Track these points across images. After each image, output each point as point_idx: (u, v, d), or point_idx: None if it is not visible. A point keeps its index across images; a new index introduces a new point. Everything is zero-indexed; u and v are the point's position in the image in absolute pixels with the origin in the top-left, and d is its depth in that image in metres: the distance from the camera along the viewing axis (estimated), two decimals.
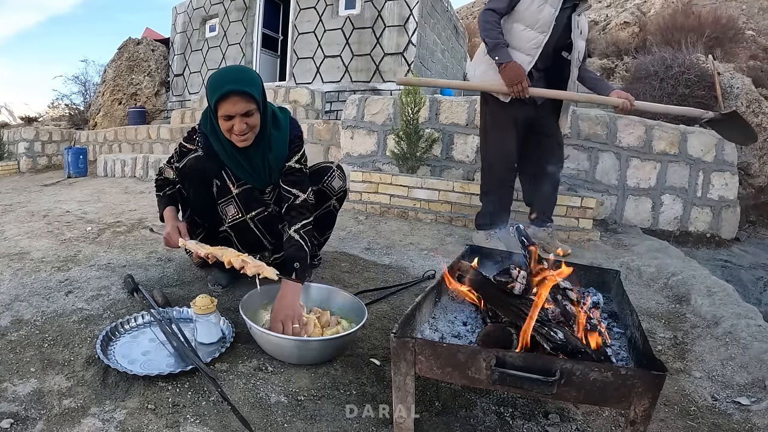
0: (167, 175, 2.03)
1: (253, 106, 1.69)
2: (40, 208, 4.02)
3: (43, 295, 1.94)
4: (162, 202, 2.03)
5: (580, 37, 2.85)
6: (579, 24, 2.83)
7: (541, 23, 2.74)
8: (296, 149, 1.94)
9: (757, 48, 9.26)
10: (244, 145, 1.77)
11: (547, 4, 2.71)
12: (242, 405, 1.30)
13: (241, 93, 1.64)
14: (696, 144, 4.14)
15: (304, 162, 1.99)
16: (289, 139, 1.92)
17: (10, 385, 1.33)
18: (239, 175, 1.91)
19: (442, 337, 1.38)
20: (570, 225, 3.58)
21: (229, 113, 1.67)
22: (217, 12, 9.50)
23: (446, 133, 4.41)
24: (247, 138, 1.74)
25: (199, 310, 1.56)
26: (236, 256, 1.67)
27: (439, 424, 1.29)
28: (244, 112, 1.67)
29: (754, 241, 4.55)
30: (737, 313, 2.02)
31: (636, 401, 1.00)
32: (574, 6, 2.78)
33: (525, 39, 2.78)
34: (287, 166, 1.93)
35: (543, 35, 2.76)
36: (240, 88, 1.64)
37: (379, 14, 7.70)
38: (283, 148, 1.91)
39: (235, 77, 1.68)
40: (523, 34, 2.78)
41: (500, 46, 2.73)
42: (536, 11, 2.72)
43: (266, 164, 1.90)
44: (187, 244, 1.83)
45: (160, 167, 2.08)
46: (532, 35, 2.77)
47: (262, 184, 1.97)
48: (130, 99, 10.36)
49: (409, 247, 3.01)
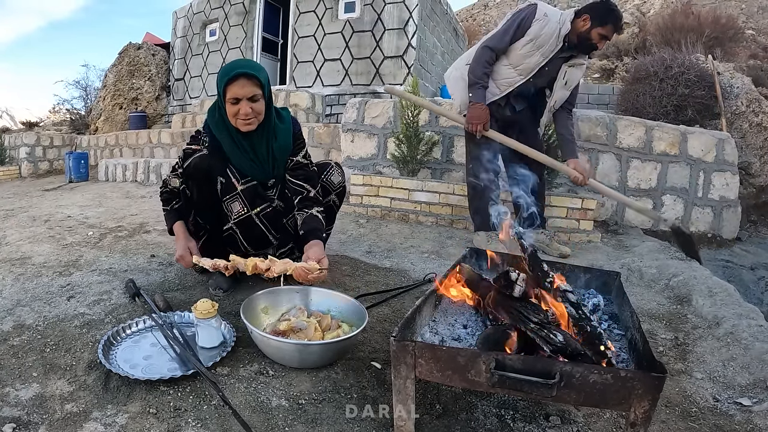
0: (173, 185, 2.05)
1: (258, 91, 1.81)
2: (41, 213, 4.03)
3: (44, 300, 1.95)
4: (170, 217, 2.06)
5: (563, 88, 2.89)
6: (566, 75, 2.85)
7: (524, 68, 2.80)
8: (301, 144, 2.07)
9: (756, 47, 9.26)
10: (248, 129, 1.87)
11: (539, 52, 2.75)
12: (243, 409, 1.30)
13: (248, 76, 1.78)
14: (696, 144, 4.13)
15: (310, 158, 2.10)
16: (293, 133, 2.04)
17: (12, 389, 1.33)
18: (243, 167, 1.96)
19: (442, 340, 1.39)
20: (571, 226, 3.58)
21: (236, 96, 1.79)
22: (217, 16, 9.53)
23: (446, 135, 4.41)
24: (251, 123, 1.86)
25: (200, 314, 1.56)
26: (260, 260, 1.74)
27: (439, 426, 1.30)
28: (250, 96, 1.80)
29: (756, 241, 4.54)
30: (739, 314, 2.02)
31: (636, 403, 1.00)
32: (567, 58, 2.82)
33: (503, 75, 2.85)
34: (295, 161, 2.04)
35: (520, 78, 2.83)
36: (248, 71, 1.78)
37: (378, 17, 7.71)
38: (287, 138, 2.01)
39: (243, 64, 1.84)
40: (503, 70, 2.85)
41: (478, 87, 2.81)
42: (523, 56, 2.78)
43: (270, 154, 1.98)
44: (201, 261, 1.85)
45: (164, 179, 2.10)
46: (510, 74, 2.83)
47: (265, 176, 2.01)
48: (131, 103, 10.38)
49: (409, 250, 3.01)
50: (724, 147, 4.17)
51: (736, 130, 5.69)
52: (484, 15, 16.91)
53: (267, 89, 1.87)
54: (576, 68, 2.86)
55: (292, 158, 2.04)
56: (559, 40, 2.72)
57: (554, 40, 2.72)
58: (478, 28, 14.31)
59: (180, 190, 2.03)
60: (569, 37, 2.72)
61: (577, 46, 2.75)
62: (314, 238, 1.90)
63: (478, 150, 2.95)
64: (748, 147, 5.53)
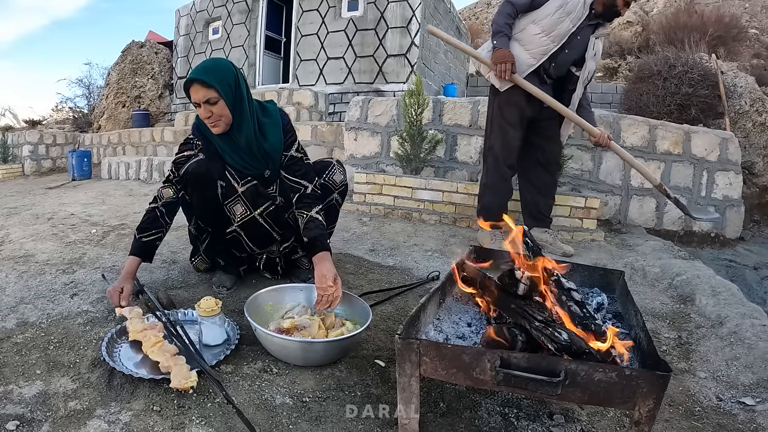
0: (165, 197, 1.95)
1: (213, 94, 1.79)
2: (44, 210, 4.04)
3: (48, 298, 1.95)
4: (133, 246, 1.92)
5: (593, 59, 2.91)
6: (595, 46, 2.88)
7: (556, 34, 2.79)
8: (292, 137, 2.05)
9: (760, 47, 9.23)
10: (217, 131, 1.87)
11: (568, 19, 2.75)
12: (247, 406, 1.31)
13: (199, 81, 1.77)
14: (700, 144, 4.12)
15: (303, 150, 2.07)
16: (282, 126, 2.01)
17: (16, 387, 1.34)
18: (237, 161, 1.94)
19: (447, 338, 1.38)
20: (574, 225, 3.58)
21: (194, 100, 1.82)
22: (219, 15, 9.53)
23: (450, 134, 4.41)
24: (217, 125, 1.85)
25: (204, 312, 1.56)
26: (156, 345, 1.47)
27: (443, 425, 1.30)
28: (205, 100, 1.78)
29: (759, 241, 4.53)
30: (742, 313, 2.02)
31: (641, 402, 1.00)
32: (594, 27, 2.84)
33: (536, 43, 2.82)
34: (289, 155, 2.02)
35: (553, 45, 2.80)
36: (198, 77, 1.77)
37: (381, 16, 7.70)
38: (278, 134, 1.99)
39: (200, 67, 1.82)
40: (536, 38, 2.82)
41: (502, 35, 2.80)
42: (555, 22, 2.77)
43: (262, 152, 1.97)
44: (122, 311, 1.69)
45: (155, 195, 1.98)
46: (544, 42, 2.81)
47: (261, 169, 2.00)
48: (133, 102, 10.39)
49: (413, 249, 3.01)
50: (728, 146, 4.16)
51: (739, 130, 5.67)
52: (487, 13, 16.87)
53: (228, 90, 1.82)
54: (599, 40, 2.92)
55: (285, 153, 2.02)
56: (585, 7, 2.75)
57: (581, 8, 2.75)
58: (481, 26, 14.28)
59: (174, 201, 1.97)
60: (594, 5, 2.75)
61: (602, 14, 2.78)
62: (321, 248, 1.85)
63: (504, 123, 2.94)
64: (751, 146, 5.52)
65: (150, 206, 1.97)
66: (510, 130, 2.93)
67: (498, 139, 2.98)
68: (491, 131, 3.05)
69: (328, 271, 1.76)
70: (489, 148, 3.07)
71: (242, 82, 1.89)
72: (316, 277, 1.78)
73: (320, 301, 1.72)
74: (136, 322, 1.59)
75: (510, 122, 2.92)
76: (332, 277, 1.75)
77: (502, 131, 2.96)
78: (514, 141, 2.95)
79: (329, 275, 1.75)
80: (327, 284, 1.72)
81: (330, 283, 1.73)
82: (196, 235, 2.18)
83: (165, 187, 1.98)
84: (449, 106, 4.44)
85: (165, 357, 1.40)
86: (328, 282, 1.73)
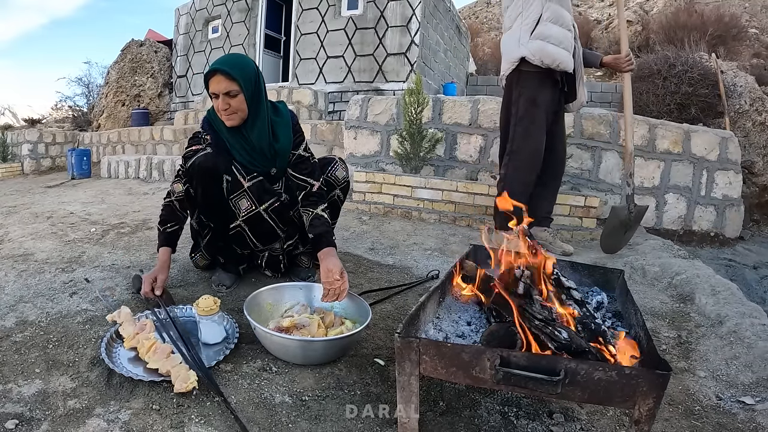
0: (177, 191, 2.01)
1: (235, 87, 1.82)
2: (44, 209, 4.03)
3: (47, 297, 1.95)
4: (160, 239, 2.04)
5: None
6: None
7: (567, 20, 2.81)
8: (301, 137, 2.08)
9: (760, 46, 9.24)
10: (231, 124, 1.89)
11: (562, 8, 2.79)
12: (246, 405, 1.30)
13: (223, 72, 1.80)
14: (699, 143, 4.12)
15: (309, 150, 2.10)
16: (292, 126, 2.04)
17: (15, 386, 1.33)
18: (244, 158, 1.95)
19: (447, 336, 1.38)
20: (574, 224, 3.58)
21: (214, 91, 1.84)
22: (219, 13, 9.52)
23: (449, 133, 4.41)
24: (232, 118, 1.88)
25: (203, 311, 1.56)
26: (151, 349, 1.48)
27: (443, 423, 1.29)
28: (226, 91, 1.81)
29: (758, 240, 4.54)
30: (741, 312, 2.01)
31: (640, 401, 1.00)
32: None
33: (560, 38, 2.76)
34: (297, 154, 2.05)
35: (570, 34, 2.83)
36: (222, 68, 1.80)
37: (381, 14, 7.70)
38: (288, 134, 2.02)
39: (224, 60, 1.86)
40: (558, 33, 2.76)
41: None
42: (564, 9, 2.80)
43: (272, 151, 1.99)
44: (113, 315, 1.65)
45: (168, 190, 2.05)
46: (567, 35, 2.80)
47: (268, 167, 2.01)
48: (133, 100, 10.38)
49: (412, 247, 3.01)
50: (728, 145, 4.16)
51: (739, 129, 5.68)
52: (486, 12, 16.87)
53: (249, 85, 1.86)
54: None
55: (293, 152, 2.04)
56: None
57: None
58: (481, 25, 14.28)
59: (183, 194, 2.00)
60: None
61: None
62: (327, 245, 1.89)
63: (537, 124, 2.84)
64: (751, 146, 5.52)
65: (165, 201, 2.06)
66: (542, 131, 2.84)
67: (534, 142, 2.84)
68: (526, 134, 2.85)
69: (334, 265, 1.79)
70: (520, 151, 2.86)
71: (261, 80, 1.93)
72: (322, 271, 1.80)
73: (327, 294, 1.75)
74: (127, 327, 1.59)
75: (542, 124, 2.83)
76: (338, 271, 1.77)
77: (539, 134, 2.84)
78: (543, 140, 2.86)
79: (335, 269, 1.77)
80: (334, 278, 1.75)
81: (337, 276, 1.75)
82: (197, 230, 2.18)
83: (176, 182, 2.02)
84: (449, 104, 4.44)
85: (162, 362, 1.40)
86: (335, 275, 1.75)
